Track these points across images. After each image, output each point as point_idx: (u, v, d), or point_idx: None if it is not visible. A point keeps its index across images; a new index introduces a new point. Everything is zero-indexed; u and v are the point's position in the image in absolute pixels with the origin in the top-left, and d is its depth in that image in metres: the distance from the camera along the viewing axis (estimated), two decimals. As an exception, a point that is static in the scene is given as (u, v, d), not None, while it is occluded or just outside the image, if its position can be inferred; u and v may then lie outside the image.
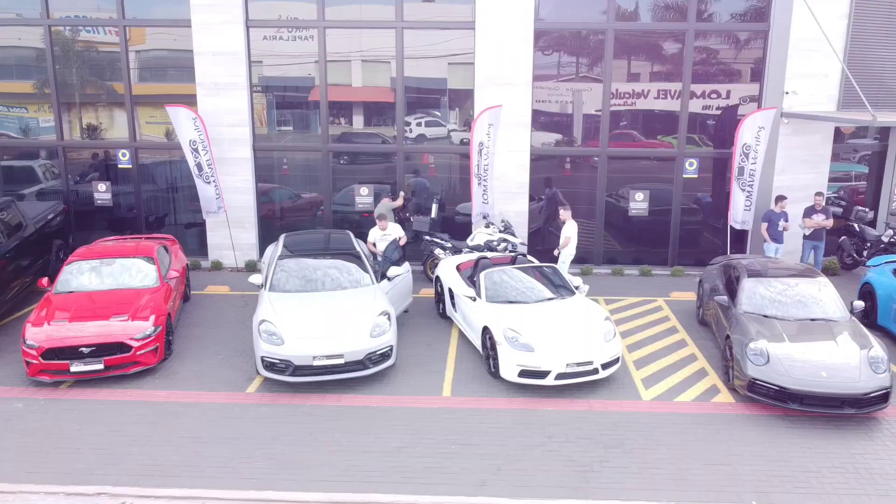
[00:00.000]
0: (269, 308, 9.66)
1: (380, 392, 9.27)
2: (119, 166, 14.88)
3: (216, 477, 7.41)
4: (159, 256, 11.32)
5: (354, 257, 11.11)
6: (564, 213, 12.66)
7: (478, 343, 10.20)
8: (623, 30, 13.85)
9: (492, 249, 13.00)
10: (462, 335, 11.09)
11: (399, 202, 13.80)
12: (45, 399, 9.07)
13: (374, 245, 12.11)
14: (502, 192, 14.24)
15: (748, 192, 13.43)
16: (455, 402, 9.02)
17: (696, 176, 14.36)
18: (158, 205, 15.35)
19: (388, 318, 9.66)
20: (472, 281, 10.95)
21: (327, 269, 10.76)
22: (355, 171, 15.20)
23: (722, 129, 14.38)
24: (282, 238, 11.74)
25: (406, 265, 11.60)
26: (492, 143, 13.76)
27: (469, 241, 13.37)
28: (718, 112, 14.32)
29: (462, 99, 14.76)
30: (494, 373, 9.53)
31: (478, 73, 13.86)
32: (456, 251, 13.41)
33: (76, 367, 9.22)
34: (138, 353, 9.47)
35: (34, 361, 9.22)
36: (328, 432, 8.26)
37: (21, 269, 11.93)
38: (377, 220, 12.28)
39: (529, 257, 11.94)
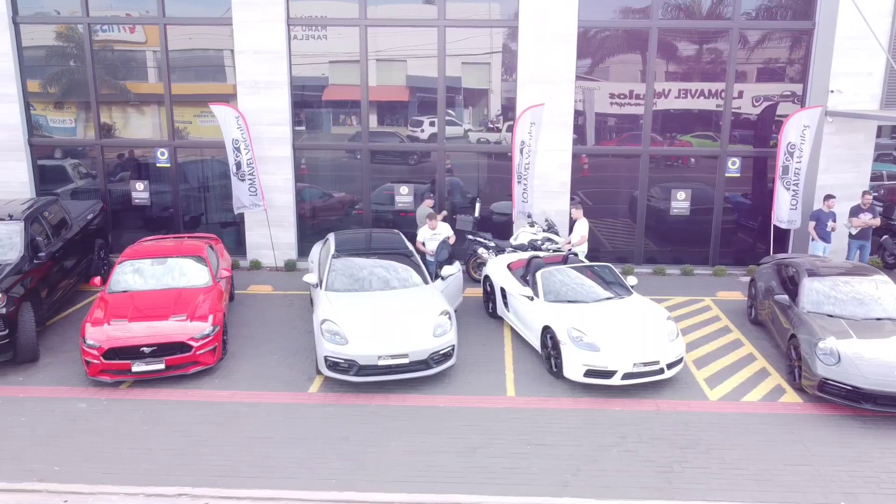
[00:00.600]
0: (329, 307, 9.60)
1: (443, 392, 9.21)
2: (157, 165, 14.80)
3: (293, 478, 7.34)
4: (208, 256, 11.26)
5: (408, 257, 11.05)
6: (576, 212, 12.60)
7: (535, 343, 10.15)
8: (667, 28, 13.79)
9: (536, 249, 12.92)
10: (516, 334, 11.03)
11: (432, 205, 13.67)
12: (108, 399, 9.01)
13: (424, 244, 12.04)
14: (543, 192, 14.17)
15: (793, 191, 13.36)
16: (520, 402, 8.95)
17: (738, 175, 14.30)
18: (193, 204, 15.27)
19: (449, 318, 9.60)
20: (525, 280, 10.89)
21: (382, 268, 10.69)
22: (383, 171, 15.10)
23: (762, 127, 14.33)
24: (332, 237, 11.67)
25: (457, 264, 11.54)
26: (533, 141, 13.70)
27: (512, 241, 13.30)
28: (757, 111, 14.24)
29: (476, 98, 14.68)
30: (556, 372, 9.47)
31: (520, 72, 13.79)
32: (499, 251, 13.34)
33: (138, 367, 9.16)
34: (198, 352, 9.41)
35: (95, 361, 9.15)
36: (398, 432, 8.20)
37: (68, 268, 11.86)
38: (427, 220, 12.20)
39: (581, 256, 11.89)
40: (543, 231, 13.42)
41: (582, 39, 13.71)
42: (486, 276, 11.96)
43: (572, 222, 12.90)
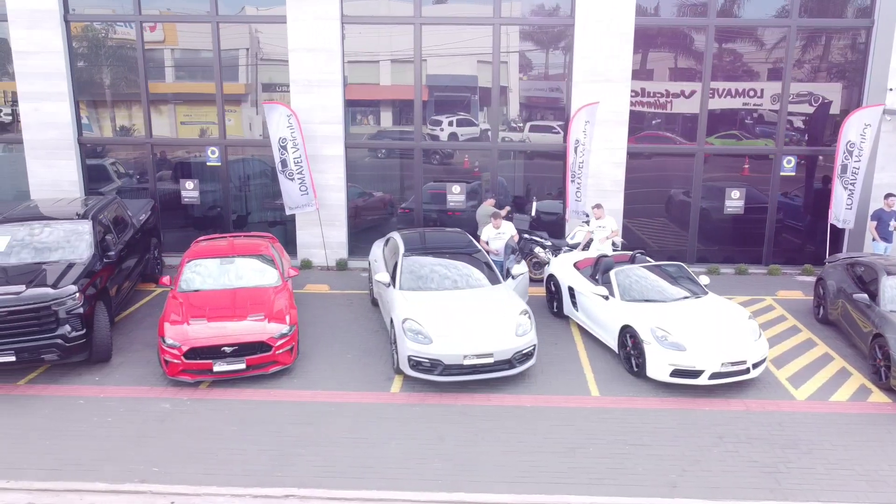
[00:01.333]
0: (409, 307, 9.53)
1: (526, 391, 9.15)
2: (208, 164, 14.73)
3: (397, 478, 7.28)
4: (275, 255, 11.19)
5: (478, 256, 10.98)
6: (600, 211, 12.58)
7: (611, 342, 10.08)
8: (723, 26, 13.73)
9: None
10: (586, 333, 10.97)
11: (494, 203, 13.61)
12: (190, 399, 8.94)
13: (488, 243, 11.97)
14: (596, 190, 14.10)
15: (850, 190, 13.29)
16: (607, 401, 8.89)
17: (793, 174, 14.24)
18: (238, 202, 15.16)
19: (529, 317, 9.54)
20: (594, 279, 10.83)
21: (454, 267, 10.62)
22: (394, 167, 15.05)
23: (815, 126, 14.27)
24: (397, 236, 11.59)
25: (524, 263, 11.48)
26: (588, 140, 13.63)
27: (569, 240, 13.24)
28: (809, 109, 14.19)
29: (490, 97, 14.64)
30: (638, 372, 9.41)
31: (575, 70, 13.73)
32: (555, 250, 13.28)
33: (219, 367, 9.09)
34: (277, 352, 9.34)
35: (176, 361, 9.07)
36: (492, 432, 8.13)
37: (130, 267, 11.79)
38: (490, 219, 12.13)
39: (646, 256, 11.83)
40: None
41: (637, 37, 13.63)
42: (551, 276, 11.89)
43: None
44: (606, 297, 10.22)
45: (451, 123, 14.76)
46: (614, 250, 12.76)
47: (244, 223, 15.27)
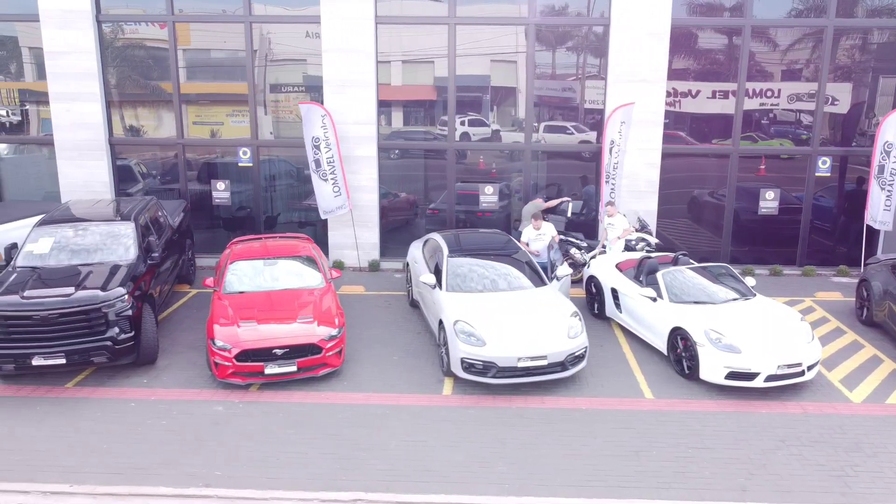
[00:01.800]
0: (458, 309, 9.46)
1: (579, 394, 9.08)
2: (239, 164, 14.66)
3: (463, 482, 7.21)
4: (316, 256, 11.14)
5: (521, 257, 10.92)
6: (612, 209, 12.55)
7: (659, 344, 10.02)
8: (760, 26, 13.66)
9: (629, 249, 12.80)
10: (630, 335, 10.92)
11: (550, 203, 13.54)
12: (242, 402, 8.87)
13: (528, 244, 11.90)
14: (630, 191, 14.05)
15: (888, 191, 13.23)
16: (662, 404, 8.83)
17: (828, 174, 14.18)
18: (265, 203, 15.08)
19: (580, 319, 9.48)
20: (639, 281, 10.77)
21: (499, 269, 10.56)
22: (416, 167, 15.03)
23: (848, 126, 14.22)
24: (437, 237, 11.53)
25: (566, 265, 11.43)
26: (623, 141, 13.58)
27: (631, 234, 13.13)
28: (841, 109, 14.15)
29: (504, 96, 14.53)
30: (689, 374, 9.35)
31: (610, 70, 13.67)
32: (590, 251, 13.24)
33: (270, 370, 9.02)
34: (327, 354, 9.28)
35: (226, 363, 9.00)
36: (551, 435, 8.07)
37: (169, 269, 11.72)
38: (532, 219, 12.06)
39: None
40: (636, 231, 13.30)
41: (673, 37, 13.58)
42: (591, 277, 11.83)
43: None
44: (654, 299, 10.16)
45: (462, 123, 14.72)
46: (648, 251, 12.70)
47: (273, 224, 15.21)
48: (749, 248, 14.72)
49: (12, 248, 10.38)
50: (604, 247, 12.66)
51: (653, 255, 11.55)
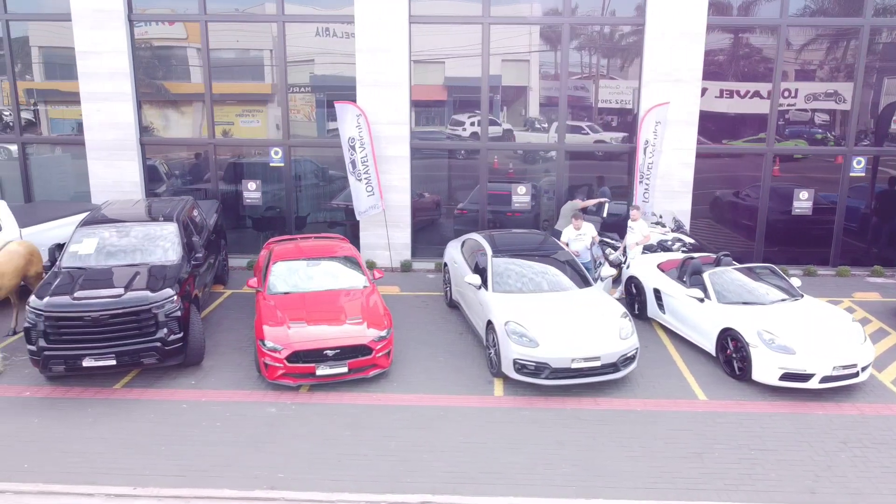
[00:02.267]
0: (508, 310, 9.41)
1: (631, 395, 9.04)
2: (271, 164, 14.61)
3: (530, 484, 7.16)
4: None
5: (564, 258, 10.88)
6: (636, 213, 12.37)
7: (707, 345, 9.98)
8: (796, 25, 13.62)
9: (666, 249, 12.73)
10: (673, 335, 10.87)
11: (586, 203, 13.47)
12: (294, 403, 8.82)
13: (568, 245, 11.84)
14: (664, 191, 14.01)
15: (924, 190, 13.21)
16: (716, 405, 8.78)
17: (863, 174, 14.14)
18: (294, 203, 15.01)
19: (630, 320, 9.43)
20: (683, 281, 10.73)
21: (543, 269, 10.52)
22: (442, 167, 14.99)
23: (882, 125, 14.18)
24: (479, 237, 11.48)
25: (607, 265, 11.38)
26: (658, 141, 13.54)
27: (650, 240, 13.09)
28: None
29: (514, 96, 14.49)
30: (740, 375, 9.31)
31: (645, 70, 13.62)
32: (625, 251, 13.18)
33: (322, 371, 8.97)
34: (377, 355, 9.23)
35: (277, 365, 8.95)
36: (611, 437, 8.02)
37: (208, 269, 11.67)
38: (572, 220, 12.01)
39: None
40: (672, 231, 13.25)
41: (710, 37, 13.53)
42: (632, 277, 11.78)
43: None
44: (701, 300, 10.11)
45: (472, 124, 14.69)
46: (684, 251, 12.64)
47: (303, 224, 15.16)
48: (779, 249, 14.67)
49: (57, 249, 10.32)
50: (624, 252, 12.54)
51: (694, 255, 11.48)
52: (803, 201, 14.25)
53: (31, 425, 8.28)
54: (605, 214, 13.83)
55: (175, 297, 9.22)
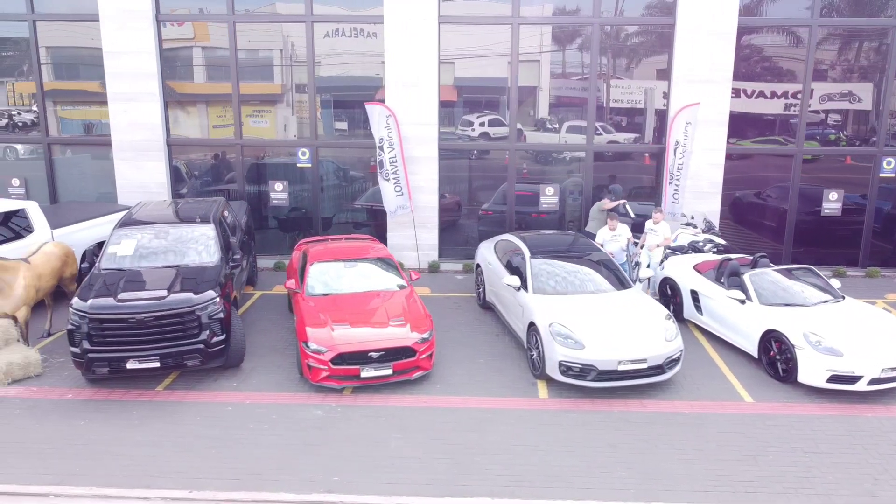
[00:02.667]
0: (549, 311, 9.37)
1: (676, 397, 9.00)
2: (298, 165, 14.57)
3: (589, 488, 7.11)
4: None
5: (601, 258, 10.84)
6: (659, 215, 12.30)
7: (749, 347, 9.94)
8: (826, 25, 13.59)
9: (697, 250, 12.69)
10: (711, 337, 10.84)
11: (610, 205, 13.41)
12: (340, 405, 8.78)
13: (603, 246, 11.81)
14: (693, 192, 13.98)
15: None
16: (764, 407, 8.74)
17: (893, 175, 14.10)
18: (321, 204, 14.98)
19: (674, 322, 9.39)
20: (720, 283, 10.69)
21: (582, 270, 10.47)
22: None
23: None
24: (514, 238, 11.44)
25: (644, 267, 11.35)
26: (688, 141, 13.52)
27: (671, 242, 13.07)
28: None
29: (523, 96, 14.52)
30: (784, 377, 9.27)
31: (675, 71, 13.60)
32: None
33: (366, 373, 8.92)
34: (420, 357, 9.19)
35: (322, 367, 8.90)
36: (662, 439, 7.98)
37: (242, 271, 11.62)
38: (607, 220, 11.97)
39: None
40: (703, 232, 13.22)
41: (741, 37, 13.50)
42: (667, 278, 11.74)
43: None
44: (742, 302, 10.07)
45: (482, 124, 14.66)
46: (714, 252, 12.61)
47: (328, 225, 15.12)
48: (804, 249, 14.64)
49: (95, 250, 10.27)
50: (673, 250, 12.40)
51: (732, 256, 11.44)
52: (832, 202, 14.22)
53: (77, 428, 8.23)
54: (632, 214, 13.77)
55: (218, 299, 9.17)
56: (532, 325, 9.57)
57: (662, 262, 12.11)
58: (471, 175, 15.17)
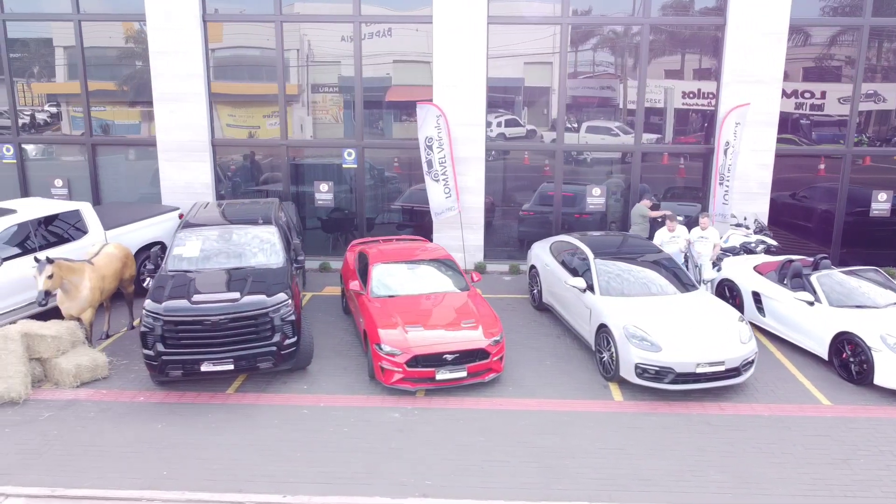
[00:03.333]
0: (621, 313, 9.32)
1: (755, 400, 8.95)
2: (344, 166, 14.52)
3: (685, 492, 7.05)
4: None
5: (663, 259, 10.78)
6: (706, 220, 11.96)
7: (818, 349, 9.88)
8: (878, 26, 13.53)
9: (749, 251, 12.65)
10: (774, 338, 10.79)
11: (650, 205, 13.33)
12: (416, 408, 8.72)
13: (661, 247, 11.74)
14: (741, 193, 13.91)
15: None
16: (843, 410, 8.69)
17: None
18: (359, 204, 14.90)
19: (747, 324, 9.33)
20: (783, 284, 10.64)
21: (646, 271, 10.41)
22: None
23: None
24: (573, 239, 11.39)
25: (709, 267, 11.30)
26: (738, 142, 13.45)
27: (723, 243, 13.00)
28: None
29: (536, 96, 14.49)
30: (858, 379, 9.21)
31: (725, 71, 13.54)
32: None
33: (442, 375, 8.87)
34: (493, 359, 9.13)
35: (396, 369, 8.85)
36: (748, 442, 7.93)
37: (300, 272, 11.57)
38: (667, 221, 11.90)
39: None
40: (755, 233, 13.16)
41: (792, 37, 13.44)
42: (725, 280, 11.68)
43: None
44: (811, 304, 10.01)
45: (499, 124, 14.61)
46: (766, 253, 12.56)
47: (371, 226, 15.05)
48: (846, 250, 14.58)
49: (160, 252, 10.23)
50: (724, 252, 12.29)
51: (794, 258, 11.39)
52: (882, 203, 14.16)
53: (156, 431, 8.17)
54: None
55: (290, 301, 9.11)
56: (602, 327, 9.51)
57: (716, 264, 12.04)
58: (505, 176, 15.11)
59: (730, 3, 13.26)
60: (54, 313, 10.23)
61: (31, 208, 11.21)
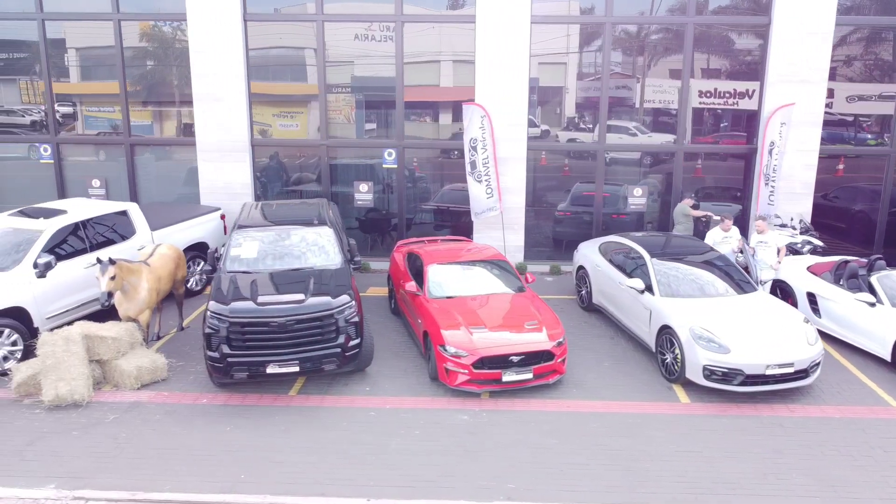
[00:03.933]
0: (686, 314, 9.25)
1: (822, 402, 8.89)
2: (384, 166, 14.45)
3: (769, 495, 6.99)
4: (499, 260, 10.93)
5: (718, 259, 10.70)
6: (763, 224, 11.54)
7: (881, 351, 9.82)
8: (924, 25, 13.51)
9: (795, 252, 12.59)
10: (833, 340, 10.74)
11: (696, 213, 13.18)
12: (483, 410, 8.65)
13: (715, 246, 11.65)
14: (786, 193, 13.85)
15: None
16: (913, 412, 8.64)
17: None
18: (389, 204, 14.86)
19: (812, 326, 9.27)
20: (840, 285, 10.58)
21: (704, 272, 10.33)
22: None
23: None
24: (622, 240, 11.33)
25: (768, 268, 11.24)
26: (783, 142, 13.40)
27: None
28: None
29: (549, 96, 14.46)
30: (926, 382, 9.17)
31: (770, 71, 13.47)
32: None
33: (508, 377, 8.81)
34: (557, 361, 9.07)
35: (461, 371, 8.78)
36: (825, 445, 7.87)
37: (349, 273, 11.49)
38: (722, 221, 11.83)
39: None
40: (800, 234, 13.10)
41: (837, 36, 13.39)
42: (778, 281, 11.60)
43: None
44: (872, 304, 9.95)
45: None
46: (812, 253, 12.50)
47: (409, 226, 14.98)
48: (889, 250, 14.52)
49: (215, 252, 10.17)
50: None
51: (849, 258, 11.33)
52: (926, 203, 14.11)
53: (225, 434, 8.11)
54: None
55: (353, 303, 9.05)
56: (665, 328, 9.44)
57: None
58: (535, 176, 15.03)
59: (775, 2, 13.19)
60: (106, 315, 10.16)
61: (81, 209, 11.13)
